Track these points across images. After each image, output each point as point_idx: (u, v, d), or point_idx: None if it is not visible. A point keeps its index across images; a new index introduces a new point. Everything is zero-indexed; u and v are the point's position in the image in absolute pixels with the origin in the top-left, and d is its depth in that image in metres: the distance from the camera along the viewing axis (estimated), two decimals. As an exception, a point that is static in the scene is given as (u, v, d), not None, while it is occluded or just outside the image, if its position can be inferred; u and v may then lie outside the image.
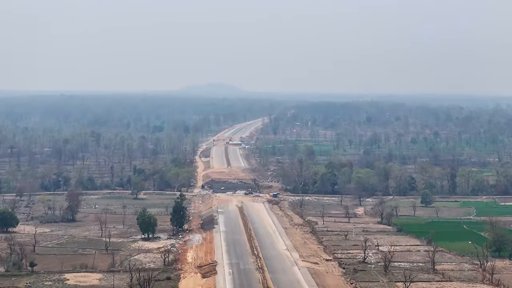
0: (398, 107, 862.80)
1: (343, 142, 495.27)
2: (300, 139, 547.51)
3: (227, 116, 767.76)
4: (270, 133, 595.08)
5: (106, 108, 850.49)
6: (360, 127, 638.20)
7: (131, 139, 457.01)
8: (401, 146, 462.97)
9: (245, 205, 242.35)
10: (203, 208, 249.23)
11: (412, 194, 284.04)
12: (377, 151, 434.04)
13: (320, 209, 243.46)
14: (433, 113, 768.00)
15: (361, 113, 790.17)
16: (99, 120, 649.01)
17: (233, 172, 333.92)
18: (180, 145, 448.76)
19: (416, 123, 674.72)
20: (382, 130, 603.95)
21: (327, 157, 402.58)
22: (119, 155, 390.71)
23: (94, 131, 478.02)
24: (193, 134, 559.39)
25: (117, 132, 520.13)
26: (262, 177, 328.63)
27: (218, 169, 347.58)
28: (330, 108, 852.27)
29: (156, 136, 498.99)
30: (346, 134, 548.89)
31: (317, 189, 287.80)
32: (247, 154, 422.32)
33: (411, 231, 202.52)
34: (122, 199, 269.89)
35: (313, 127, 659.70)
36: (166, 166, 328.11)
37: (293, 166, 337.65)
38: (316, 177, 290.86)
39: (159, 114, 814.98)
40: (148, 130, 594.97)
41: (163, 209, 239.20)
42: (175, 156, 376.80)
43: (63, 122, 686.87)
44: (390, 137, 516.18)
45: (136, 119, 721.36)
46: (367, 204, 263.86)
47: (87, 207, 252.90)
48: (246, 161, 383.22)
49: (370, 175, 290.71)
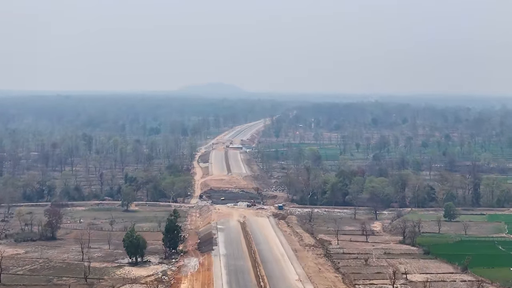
0: (403, 108, 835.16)
1: (349, 145, 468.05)
2: (304, 142, 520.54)
3: (227, 117, 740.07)
4: (272, 135, 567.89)
5: (102, 109, 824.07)
6: (366, 129, 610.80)
7: (125, 142, 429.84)
8: (412, 150, 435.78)
9: (248, 221, 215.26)
10: (200, 223, 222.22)
11: (431, 205, 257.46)
12: (387, 156, 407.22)
13: (331, 224, 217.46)
14: (440, 114, 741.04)
15: (366, 114, 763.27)
16: (93, 122, 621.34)
17: (234, 180, 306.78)
18: (177, 149, 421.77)
19: (424, 125, 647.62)
20: (390, 133, 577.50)
21: (334, 162, 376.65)
22: (111, 161, 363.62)
23: (86, 134, 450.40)
24: (192, 137, 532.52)
25: (111, 134, 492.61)
26: (266, 186, 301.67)
27: (217, 176, 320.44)
28: (333, 109, 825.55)
29: (152, 139, 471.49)
30: (352, 137, 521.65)
31: (327, 200, 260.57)
32: (249, 159, 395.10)
33: (440, 253, 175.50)
34: (111, 212, 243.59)
35: (317, 129, 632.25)
36: (161, 174, 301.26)
37: (300, 173, 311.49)
38: (325, 186, 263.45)
39: (157, 115, 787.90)
40: (144, 132, 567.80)
41: (156, 224, 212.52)
42: (171, 162, 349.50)
43: (56, 124, 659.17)
44: (399, 141, 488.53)
45: (132, 120, 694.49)
46: (383, 217, 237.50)
47: (71, 221, 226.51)
48: (247, 167, 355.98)
49: (385, 184, 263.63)
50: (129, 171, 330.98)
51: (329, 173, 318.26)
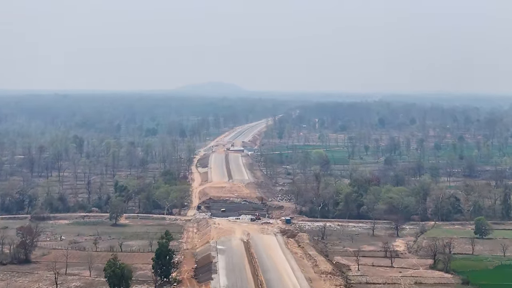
0: (410, 108, 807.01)
1: (357, 147, 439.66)
2: (309, 143, 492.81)
3: (228, 118, 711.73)
4: (275, 136, 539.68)
5: (98, 109, 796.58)
6: (373, 130, 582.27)
7: (119, 145, 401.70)
8: (425, 153, 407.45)
9: (253, 239, 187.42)
10: (198, 240, 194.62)
11: (456, 218, 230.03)
12: (399, 160, 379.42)
13: (348, 242, 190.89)
14: (449, 114, 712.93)
15: (372, 114, 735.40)
16: (87, 122, 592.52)
17: (236, 187, 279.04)
18: (174, 152, 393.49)
19: (434, 125, 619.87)
20: (398, 134, 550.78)
21: (344, 166, 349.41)
22: (103, 165, 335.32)
23: (77, 136, 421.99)
24: (190, 138, 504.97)
25: (104, 136, 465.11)
26: (271, 194, 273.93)
27: (217, 183, 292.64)
28: (337, 108, 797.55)
29: (148, 141, 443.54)
30: (360, 138, 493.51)
31: (339, 212, 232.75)
32: (251, 163, 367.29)
33: (482, 284, 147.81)
34: (97, 226, 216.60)
35: (321, 130, 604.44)
36: (155, 181, 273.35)
37: (308, 180, 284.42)
38: (338, 197, 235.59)
39: (154, 115, 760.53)
40: (141, 133, 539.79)
41: (147, 241, 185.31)
42: (167, 168, 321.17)
43: (50, 124, 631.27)
44: (410, 143, 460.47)
45: (129, 120, 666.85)
46: (404, 233, 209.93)
47: (51, 238, 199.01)
48: (250, 172, 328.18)
49: (404, 194, 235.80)
50: (121, 177, 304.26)
51: (340, 180, 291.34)
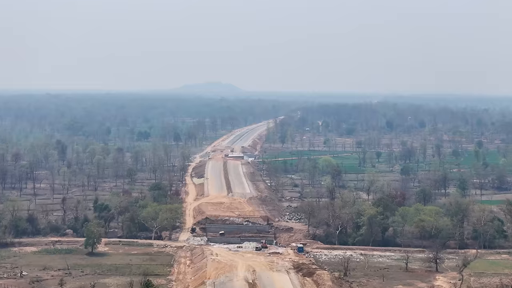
0: (416, 110, 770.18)
1: (368, 154, 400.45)
2: (314, 149, 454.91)
3: (225, 120, 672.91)
4: (277, 141, 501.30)
5: (89, 110, 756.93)
6: (381, 134, 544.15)
7: (105, 151, 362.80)
8: (445, 161, 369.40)
9: (260, 279, 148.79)
10: (191, 279, 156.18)
11: (501, 245, 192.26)
12: (416, 169, 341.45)
13: (378, 282, 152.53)
14: (460, 116, 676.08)
15: (377, 116, 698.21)
16: (75, 125, 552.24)
17: (236, 204, 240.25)
18: (167, 159, 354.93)
19: (446, 129, 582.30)
20: (409, 138, 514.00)
21: (356, 176, 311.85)
22: (85, 175, 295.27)
23: (60, 141, 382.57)
24: (185, 143, 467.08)
25: (91, 141, 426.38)
26: (277, 213, 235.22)
27: (215, 198, 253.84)
28: (341, 109, 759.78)
29: (139, 147, 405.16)
30: (369, 143, 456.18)
31: (361, 237, 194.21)
32: (252, 172, 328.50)
33: None
34: (71, 255, 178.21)
35: (326, 133, 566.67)
36: (142, 197, 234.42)
37: (319, 194, 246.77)
38: (359, 219, 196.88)
39: (148, 116, 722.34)
40: (132, 137, 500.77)
41: (128, 279, 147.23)
42: (158, 180, 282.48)
43: (36, 126, 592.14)
44: (425, 149, 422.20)
45: (120, 122, 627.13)
46: (444, 266, 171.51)
47: (9, 274, 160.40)
48: (252, 184, 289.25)
49: (439, 216, 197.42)
50: (105, 190, 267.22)
51: (355, 193, 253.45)
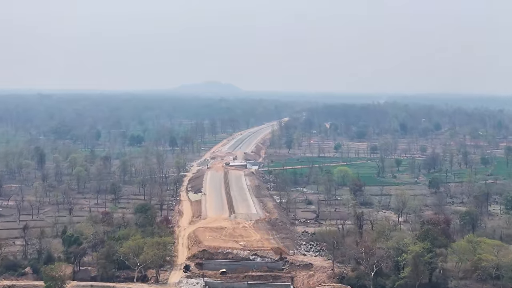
0: (428, 111, 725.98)
1: (387, 161, 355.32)
2: (324, 155, 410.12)
3: (225, 122, 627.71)
4: (282, 146, 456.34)
5: (80, 111, 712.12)
6: (395, 138, 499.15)
7: (89, 160, 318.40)
8: (474, 169, 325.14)
9: None
10: None
11: None
12: (444, 179, 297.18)
13: None
14: (477, 118, 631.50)
15: (388, 118, 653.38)
16: (62, 128, 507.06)
17: (240, 229, 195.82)
18: (159, 168, 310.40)
19: (464, 131, 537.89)
20: (427, 142, 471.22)
21: (376, 189, 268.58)
22: (62, 191, 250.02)
23: (39, 147, 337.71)
24: (181, 148, 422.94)
25: (76, 147, 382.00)
26: (291, 241, 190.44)
27: (214, 221, 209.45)
28: (348, 111, 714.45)
29: (128, 154, 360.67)
30: (386, 149, 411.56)
31: (404, 281, 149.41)
32: (258, 185, 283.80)
33: None
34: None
35: (335, 136, 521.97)
36: (124, 222, 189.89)
37: (339, 215, 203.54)
38: (401, 257, 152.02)
39: (143, 118, 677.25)
40: (124, 141, 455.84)
41: None
42: (147, 195, 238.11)
43: (21, 130, 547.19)
44: (448, 154, 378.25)
45: (113, 125, 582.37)
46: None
47: None
48: (258, 201, 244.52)
49: (503, 253, 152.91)
50: (83, 209, 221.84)
51: (380, 209, 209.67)
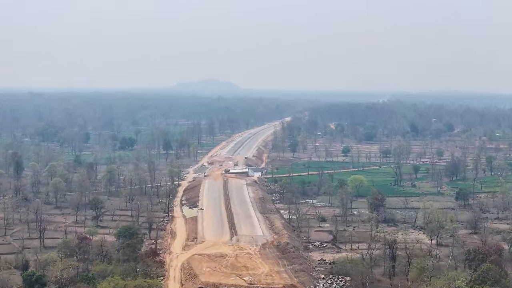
0: (438, 110, 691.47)
1: (404, 167, 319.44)
2: (332, 159, 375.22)
3: (224, 122, 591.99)
4: (286, 149, 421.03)
5: (71, 111, 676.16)
6: (407, 140, 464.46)
7: (72, 168, 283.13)
8: (506, 178, 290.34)
9: None
10: None
11: None
12: (471, 189, 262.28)
13: None
14: (491, 118, 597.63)
15: (395, 118, 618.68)
16: (48, 130, 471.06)
17: (245, 258, 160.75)
18: (151, 177, 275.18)
19: (479, 132, 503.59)
20: (441, 145, 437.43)
21: (395, 200, 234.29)
22: (34, 208, 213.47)
23: (17, 153, 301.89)
24: (176, 151, 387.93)
25: (61, 151, 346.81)
26: (307, 275, 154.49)
27: (213, 245, 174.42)
28: (353, 110, 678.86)
29: (116, 161, 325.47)
30: (400, 153, 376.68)
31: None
32: (262, 197, 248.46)
33: None
34: None
35: (341, 138, 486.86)
36: (102, 252, 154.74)
37: (363, 237, 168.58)
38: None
39: (137, 118, 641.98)
40: (114, 144, 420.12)
41: None
42: (133, 215, 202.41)
43: (6, 131, 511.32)
44: (462, 156, 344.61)
45: (105, 125, 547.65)
46: None
47: None
48: (263, 218, 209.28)
49: None
50: (58, 230, 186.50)
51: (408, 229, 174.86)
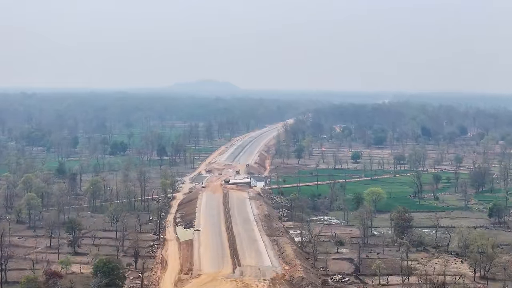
0: (448, 112, 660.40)
1: (423, 177, 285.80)
2: (341, 167, 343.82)
3: (223, 124, 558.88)
4: (291, 154, 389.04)
5: (62, 112, 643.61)
6: (419, 144, 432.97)
7: (52, 178, 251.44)
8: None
9: None
10: None
11: None
12: (503, 203, 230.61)
13: None
14: (506, 121, 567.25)
15: (404, 120, 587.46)
16: (35, 133, 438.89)
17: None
18: (141, 188, 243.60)
19: (495, 137, 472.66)
20: (457, 150, 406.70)
21: (420, 214, 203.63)
22: (5, 224, 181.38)
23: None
24: (171, 157, 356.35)
25: (46, 157, 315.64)
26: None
27: (212, 281, 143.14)
28: (359, 112, 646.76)
29: (104, 170, 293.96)
30: (415, 160, 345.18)
31: None
32: (268, 215, 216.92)
33: None
34: None
35: (349, 142, 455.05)
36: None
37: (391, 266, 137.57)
38: None
39: (132, 120, 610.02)
40: (104, 149, 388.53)
41: None
42: (118, 237, 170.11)
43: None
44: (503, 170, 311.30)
45: (95, 128, 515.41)
46: None
47: None
48: (270, 242, 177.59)
49: None
50: (27, 258, 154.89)
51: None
